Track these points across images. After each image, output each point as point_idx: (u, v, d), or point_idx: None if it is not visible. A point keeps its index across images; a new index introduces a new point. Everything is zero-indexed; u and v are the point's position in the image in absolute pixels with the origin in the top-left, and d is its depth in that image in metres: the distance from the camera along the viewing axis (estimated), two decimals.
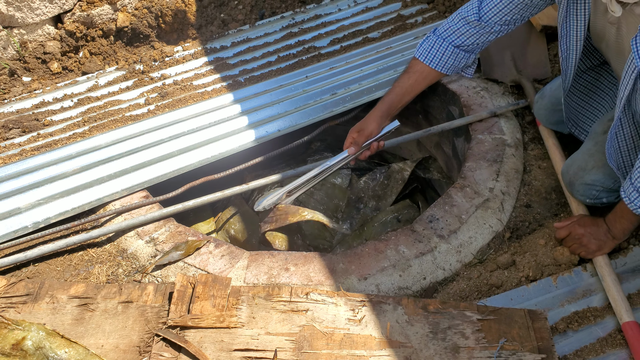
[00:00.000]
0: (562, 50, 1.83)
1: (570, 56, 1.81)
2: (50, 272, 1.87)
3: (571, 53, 1.80)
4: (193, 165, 2.20)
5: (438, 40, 1.88)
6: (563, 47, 1.81)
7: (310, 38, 2.91)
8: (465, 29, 1.86)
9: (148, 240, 1.94)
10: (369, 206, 2.46)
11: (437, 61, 1.89)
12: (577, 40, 1.74)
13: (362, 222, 2.41)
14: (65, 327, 1.57)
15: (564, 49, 1.81)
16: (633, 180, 1.56)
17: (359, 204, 2.45)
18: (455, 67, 1.93)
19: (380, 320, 1.58)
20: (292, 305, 1.62)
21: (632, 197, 1.57)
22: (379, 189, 2.49)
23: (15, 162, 2.20)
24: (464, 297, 1.74)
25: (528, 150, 2.23)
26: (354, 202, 2.44)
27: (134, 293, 1.66)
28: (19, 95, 2.67)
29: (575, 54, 1.79)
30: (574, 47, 1.77)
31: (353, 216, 2.42)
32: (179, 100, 2.50)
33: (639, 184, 1.54)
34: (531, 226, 1.96)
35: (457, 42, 1.88)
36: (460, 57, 1.90)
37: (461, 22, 1.86)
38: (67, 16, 2.82)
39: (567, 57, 1.83)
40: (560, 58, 1.87)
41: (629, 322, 1.55)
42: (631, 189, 1.57)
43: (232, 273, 1.80)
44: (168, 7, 2.94)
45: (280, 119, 2.39)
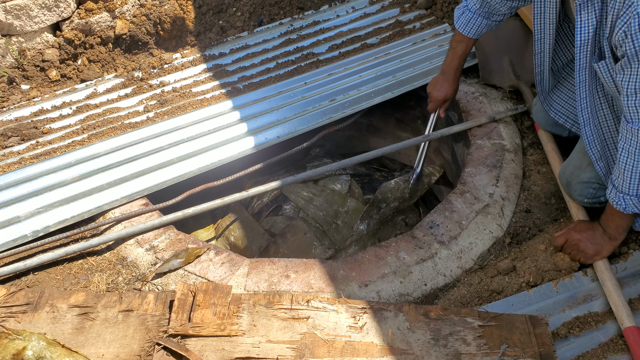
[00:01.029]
0: (535, 31, 1.86)
1: (545, 39, 1.84)
2: (50, 280, 1.86)
3: (545, 36, 1.83)
4: (192, 173, 2.20)
5: (473, 16, 2.09)
6: (537, 28, 1.85)
7: (309, 44, 2.91)
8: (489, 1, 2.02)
9: (148, 248, 1.94)
10: (390, 206, 2.45)
11: (474, 32, 2.12)
12: (550, 22, 1.78)
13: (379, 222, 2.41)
14: (65, 337, 1.56)
15: (537, 29, 1.85)
16: (614, 181, 1.60)
17: (381, 203, 2.46)
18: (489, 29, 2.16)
19: (381, 327, 1.58)
20: (293, 313, 1.61)
21: (615, 199, 1.60)
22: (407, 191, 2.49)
23: (15, 171, 2.20)
24: (465, 303, 1.74)
25: (527, 155, 2.24)
26: (377, 202, 2.44)
27: (134, 302, 1.65)
28: (18, 103, 2.67)
29: (549, 36, 1.81)
30: (547, 28, 1.80)
31: (372, 216, 2.43)
32: (178, 108, 2.50)
33: (619, 184, 1.57)
34: (531, 231, 1.96)
35: (484, 12, 2.06)
36: (491, 24, 2.12)
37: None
38: (65, 24, 2.82)
39: (542, 38, 1.85)
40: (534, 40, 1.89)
41: (630, 327, 1.55)
42: (614, 191, 1.60)
43: (232, 281, 1.79)
44: (166, 14, 2.94)
45: (279, 126, 2.39)
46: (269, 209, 2.58)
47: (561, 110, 2.05)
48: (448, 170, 2.69)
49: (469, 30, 2.11)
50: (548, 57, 1.88)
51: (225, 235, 2.50)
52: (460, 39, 2.15)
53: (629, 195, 1.57)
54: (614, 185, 1.60)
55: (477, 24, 2.09)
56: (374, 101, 2.49)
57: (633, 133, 1.49)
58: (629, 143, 1.51)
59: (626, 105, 1.48)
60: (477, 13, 2.07)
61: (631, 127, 1.49)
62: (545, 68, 1.92)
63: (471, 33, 2.11)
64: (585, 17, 1.51)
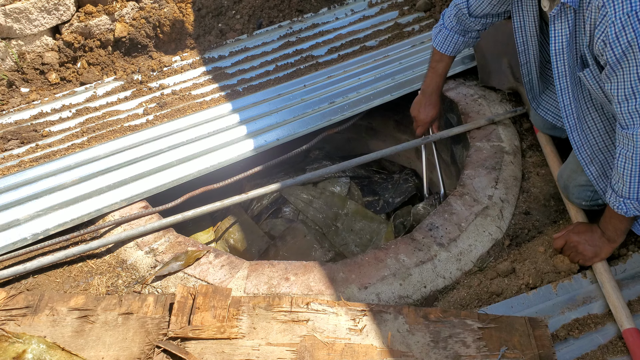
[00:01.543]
0: (518, 44, 1.90)
1: (530, 50, 1.87)
2: (50, 283, 1.86)
3: (529, 47, 1.86)
4: (192, 175, 2.20)
5: (450, 33, 2.11)
6: (520, 41, 1.89)
7: (308, 47, 2.92)
8: (464, 18, 2.04)
9: (148, 250, 1.94)
10: None
11: (452, 49, 2.14)
12: (532, 34, 1.82)
13: None
14: (65, 340, 1.56)
15: (520, 42, 1.89)
16: (613, 185, 1.61)
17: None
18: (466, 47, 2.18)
19: (381, 329, 1.58)
20: (293, 316, 1.62)
21: (615, 203, 1.61)
22: None
23: (14, 174, 2.20)
24: (465, 306, 1.74)
25: (526, 157, 2.24)
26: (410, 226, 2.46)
27: (134, 304, 1.66)
28: (18, 106, 2.67)
29: (533, 47, 1.85)
30: (530, 40, 1.84)
31: None
32: (178, 110, 2.51)
33: (619, 188, 1.57)
34: (530, 233, 1.97)
35: (461, 29, 2.09)
36: (468, 41, 2.14)
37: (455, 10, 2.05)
38: (65, 27, 2.83)
39: (526, 50, 1.88)
40: (519, 52, 1.92)
41: (629, 329, 1.55)
42: (614, 196, 1.61)
43: (232, 283, 1.79)
44: (166, 17, 2.95)
45: (278, 128, 2.39)
46: (269, 212, 2.58)
47: (550, 109, 2.08)
48: (447, 172, 2.69)
49: (446, 48, 2.13)
50: (535, 65, 1.92)
51: (225, 237, 2.51)
52: (439, 58, 2.18)
53: (629, 200, 1.58)
54: (614, 190, 1.61)
55: (453, 41, 2.11)
56: (373, 103, 2.49)
57: (629, 138, 1.49)
58: (626, 148, 1.52)
59: (619, 112, 1.48)
60: (454, 30, 2.09)
61: (627, 133, 1.49)
62: (533, 76, 1.96)
63: (449, 51, 2.13)
64: (559, 27, 1.55)
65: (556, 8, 1.53)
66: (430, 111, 2.26)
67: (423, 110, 2.27)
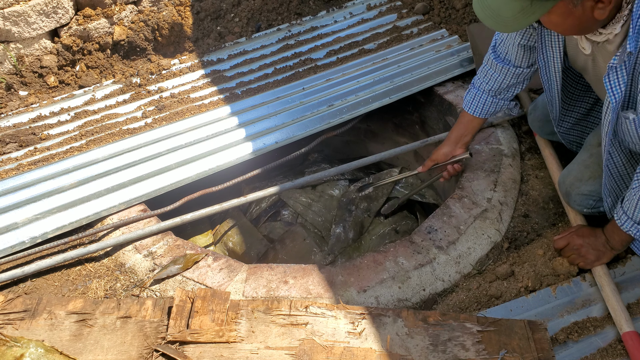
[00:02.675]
0: (543, 81, 1.86)
1: (553, 87, 1.84)
2: (48, 287, 1.86)
3: (552, 84, 1.83)
4: (191, 178, 2.20)
5: (478, 92, 2.04)
6: (544, 78, 1.84)
7: (307, 50, 2.92)
8: (492, 73, 1.98)
9: (146, 254, 1.94)
10: (360, 208, 2.46)
11: (480, 111, 2.05)
12: (556, 71, 1.77)
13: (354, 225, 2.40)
14: (63, 344, 1.56)
15: (545, 79, 1.84)
16: (624, 205, 1.61)
17: (350, 205, 2.45)
18: (496, 112, 2.09)
19: (380, 332, 1.58)
20: (292, 319, 1.61)
21: (622, 220, 1.62)
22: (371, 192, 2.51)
23: (13, 177, 2.20)
24: (464, 309, 1.74)
25: (525, 160, 2.24)
26: (345, 205, 2.45)
27: (132, 308, 1.65)
28: (16, 109, 2.67)
29: (556, 84, 1.82)
30: (554, 77, 1.80)
31: (345, 219, 2.42)
32: (176, 113, 2.51)
33: (633, 214, 1.58)
34: (529, 236, 1.97)
35: (490, 88, 2.00)
36: (498, 104, 2.04)
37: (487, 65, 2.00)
38: (63, 30, 2.82)
39: (550, 87, 1.86)
40: (544, 89, 1.89)
41: (629, 332, 1.55)
42: (622, 214, 1.62)
43: (230, 286, 1.79)
44: (165, 20, 2.95)
45: (277, 131, 2.39)
46: (268, 215, 2.58)
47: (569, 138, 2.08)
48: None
49: (474, 108, 2.04)
50: (558, 99, 1.88)
51: (224, 241, 2.50)
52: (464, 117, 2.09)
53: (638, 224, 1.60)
54: (626, 214, 1.61)
55: (482, 101, 2.02)
56: (371, 106, 2.49)
57: None
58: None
59: None
60: (482, 90, 2.02)
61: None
62: (556, 108, 1.93)
63: (477, 112, 2.04)
64: (615, 77, 1.45)
65: (616, 58, 1.42)
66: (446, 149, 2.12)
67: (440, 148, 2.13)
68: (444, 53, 2.72)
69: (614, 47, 1.49)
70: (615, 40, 1.47)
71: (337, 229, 2.38)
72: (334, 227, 2.39)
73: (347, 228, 2.38)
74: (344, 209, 2.45)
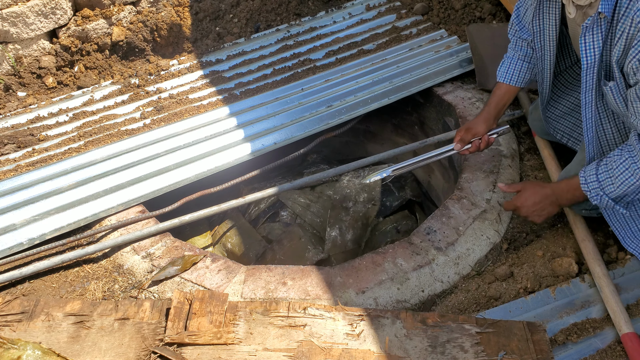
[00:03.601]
0: (536, 49, 1.85)
1: (546, 57, 1.83)
2: (46, 289, 1.85)
3: (546, 53, 1.82)
4: (189, 179, 2.19)
5: (512, 60, 2.01)
6: (538, 46, 1.83)
7: (306, 50, 2.92)
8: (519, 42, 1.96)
9: (144, 255, 1.93)
10: (360, 201, 2.41)
11: (516, 79, 2.01)
12: (550, 40, 1.77)
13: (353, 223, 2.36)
14: (61, 345, 1.55)
15: (538, 47, 1.83)
16: (599, 171, 1.59)
17: (346, 202, 2.40)
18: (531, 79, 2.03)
19: (378, 334, 1.57)
20: (290, 320, 1.61)
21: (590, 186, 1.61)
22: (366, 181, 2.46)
23: (10, 178, 2.19)
24: (463, 310, 1.73)
25: (524, 160, 2.23)
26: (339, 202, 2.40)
27: (130, 310, 1.65)
28: (14, 110, 2.67)
29: (550, 54, 1.81)
30: (548, 46, 1.79)
31: (342, 219, 2.38)
32: (175, 114, 2.50)
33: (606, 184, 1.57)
34: (528, 237, 1.96)
35: (523, 54, 1.98)
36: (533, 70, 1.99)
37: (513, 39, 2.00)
38: (62, 31, 2.82)
39: (543, 57, 1.84)
40: (537, 58, 1.88)
41: (628, 334, 1.54)
42: (594, 180, 1.60)
43: (229, 288, 1.78)
44: (163, 21, 2.94)
45: (276, 132, 2.39)
46: (266, 216, 2.57)
47: (558, 127, 2.07)
48: (445, 176, 2.68)
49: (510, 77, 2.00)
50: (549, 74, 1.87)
51: (222, 242, 2.50)
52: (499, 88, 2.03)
53: (606, 195, 1.59)
54: (599, 181, 1.59)
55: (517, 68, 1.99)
56: (370, 107, 2.49)
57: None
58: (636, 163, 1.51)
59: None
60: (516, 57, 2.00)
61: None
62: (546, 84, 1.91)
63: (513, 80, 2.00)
64: (590, 39, 1.48)
65: (590, 18, 1.45)
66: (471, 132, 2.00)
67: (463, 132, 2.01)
68: (443, 53, 2.72)
69: (594, 11, 1.50)
70: (596, 4, 1.48)
71: (332, 232, 2.36)
72: (329, 230, 2.36)
73: (344, 229, 2.37)
74: (339, 208, 2.41)
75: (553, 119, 2.04)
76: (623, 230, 1.75)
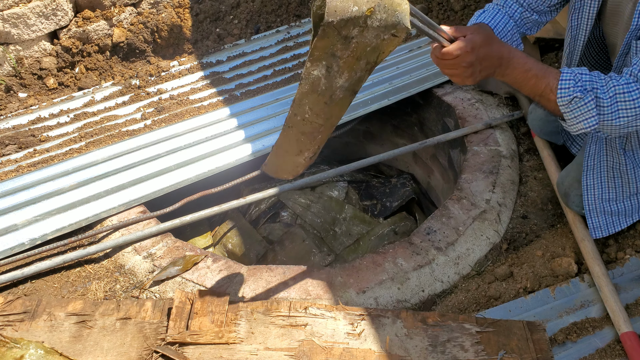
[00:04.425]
0: (571, 27, 1.73)
1: (580, 34, 1.73)
2: (48, 289, 1.86)
3: (581, 32, 1.72)
4: (190, 180, 2.20)
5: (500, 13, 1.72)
6: (574, 23, 1.71)
7: (306, 52, 2.92)
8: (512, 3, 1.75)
9: (145, 255, 1.94)
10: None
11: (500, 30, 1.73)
12: (589, 17, 1.65)
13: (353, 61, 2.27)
14: (63, 345, 1.56)
15: (574, 25, 1.71)
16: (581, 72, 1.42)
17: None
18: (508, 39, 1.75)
19: (379, 334, 1.58)
20: (291, 320, 1.61)
21: (566, 84, 1.41)
22: None
23: (12, 179, 2.20)
24: (463, 310, 1.74)
25: (524, 161, 2.24)
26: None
27: (132, 309, 1.65)
28: (15, 111, 2.67)
29: (585, 32, 1.71)
30: (584, 24, 1.68)
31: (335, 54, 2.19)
32: (176, 115, 2.51)
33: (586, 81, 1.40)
34: (528, 237, 1.97)
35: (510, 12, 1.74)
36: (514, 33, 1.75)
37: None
38: (63, 32, 2.83)
39: (577, 35, 1.73)
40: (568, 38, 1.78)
41: (627, 333, 1.55)
42: (570, 78, 1.41)
43: (230, 288, 1.79)
44: (164, 22, 2.95)
45: (276, 133, 2.39)
46: (267, 216, 2.58)
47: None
48: (445, 176, 2.69)
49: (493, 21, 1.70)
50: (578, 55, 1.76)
51: (223, 242, 2.51)
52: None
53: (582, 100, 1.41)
54: (576, 80, 1.41)
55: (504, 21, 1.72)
56: (370, 108, 2.50)
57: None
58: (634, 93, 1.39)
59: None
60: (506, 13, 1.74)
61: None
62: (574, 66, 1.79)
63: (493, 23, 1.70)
64: None
65: None
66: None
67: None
68: None
69: None
70: None
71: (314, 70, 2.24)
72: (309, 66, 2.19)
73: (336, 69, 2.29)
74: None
75: None
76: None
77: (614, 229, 1.81)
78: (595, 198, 1.79)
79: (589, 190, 1.79)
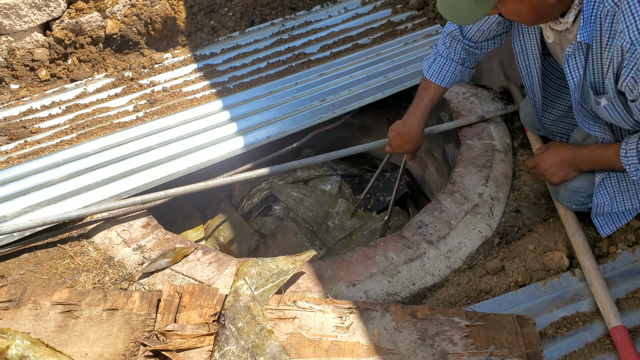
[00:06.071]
0: (521, 68, 1.86)
1: (532, 74, 1.86)
2: (36, 280, 1.85)
3: (532, 71, 1.84)
4: (181, 172, 2.18)
5: (447, 61, 1.97)
6: (522, 65, 1.85)
7: (300, 44, 2.91)
8: (455, 44, 1.94)
9: (135, 247, 1.92)
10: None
11: (448, 80, 1.99)
12: (534, 58, 1.79)
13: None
14: (48, 335, 1.55)
15: (522, 66, 1.86)
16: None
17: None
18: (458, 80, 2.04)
19: (368, 327, 1.57)
20: (280, 313, 1.60)
21: (629, 157, 1.59)
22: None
23: (2, 170, 2.18)
24: (453, 303, 1.73)
25: (517, 155, 2.23)
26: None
27: (119, 300, 1.64)
28: (7, 102, 2.65)
29: (536, 71, 1.83)
30: (533, 64, 1.82)
31: None
32: (168, 107, 2.49)
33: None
34: (520, 231, 1.96)
35: (457, 58, 1.96)
36: (464, 73, 2.02)
37: (449, 39, 1.95)
38: (55, 23, 2.81)
39: (530, 74, 1.86)
40: (522, 76, 1.89)
41: (617, 327, 1.54)
42: (634, 152, 1.58)
43: (220, 280, 1.78)
44: (157, 14, 2.93)
45: (269, 126, 2.38)
46: (259, 210, 2.57)
47: (555, 131, 2.07)
48: (439, 170, 2.68)
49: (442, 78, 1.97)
50: (538, 88, 1.89)
51: (215, 235, 2.49)
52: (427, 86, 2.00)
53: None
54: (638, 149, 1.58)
55: (451, 70, 1.96)
56: (364, 101, 2.48)
57: None
58: None
59: None
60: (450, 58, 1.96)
61: None
62: (537, 98, 1.94)
63: (445, 82, 1.98)
64: (573, 63, 1.54)
65: (571, 46, 1.49)
66: (405, 146, 2.03)
67: (398, 141, 2.02)
68: None
69: (573, 35, 1.54)
70: (574, 29, 1.52)
71: None
72: None
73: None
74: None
75: (549, 125, 2.05)
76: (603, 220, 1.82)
77: (620, 224, 1.83)
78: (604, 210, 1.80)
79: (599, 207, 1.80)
